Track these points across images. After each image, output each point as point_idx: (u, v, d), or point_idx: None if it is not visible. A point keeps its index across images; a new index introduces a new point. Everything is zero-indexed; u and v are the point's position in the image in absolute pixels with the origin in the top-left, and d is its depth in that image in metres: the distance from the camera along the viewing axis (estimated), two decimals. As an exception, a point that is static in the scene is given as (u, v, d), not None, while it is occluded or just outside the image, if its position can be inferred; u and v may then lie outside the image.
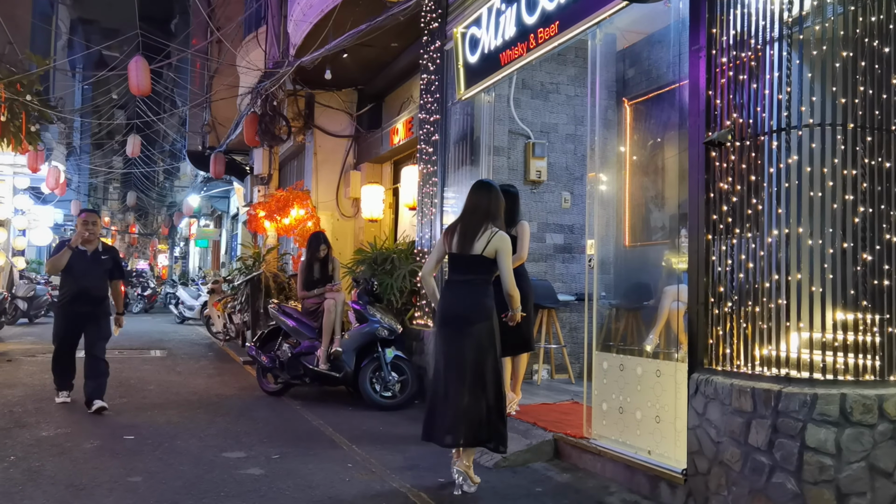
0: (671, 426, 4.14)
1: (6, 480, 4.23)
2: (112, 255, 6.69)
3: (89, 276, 6.41)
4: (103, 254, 6.56)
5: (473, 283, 4.40)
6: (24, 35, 15.22)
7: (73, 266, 6.36)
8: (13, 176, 16.24)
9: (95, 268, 6.45)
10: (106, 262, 6.55)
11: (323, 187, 11.83)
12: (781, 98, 3.56)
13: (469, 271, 4.40)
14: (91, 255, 6.45)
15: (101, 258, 6.51)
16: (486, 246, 4.31)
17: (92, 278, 6.43)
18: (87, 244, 6.45)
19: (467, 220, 4.44)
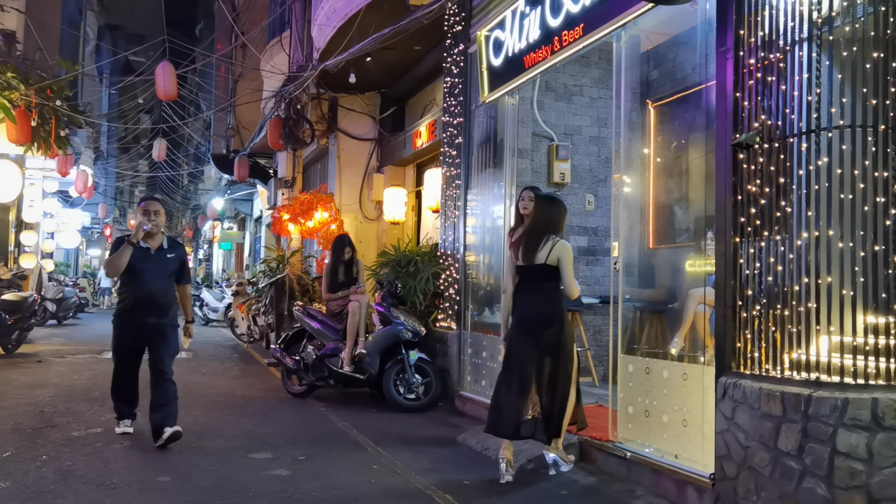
0: (698, 430, 4.11)
1: (39, 479, 4.31)
2: (179, 254, 5.53)
3: (154, 278, 5.29)
4: (169, 251, 5.42)
5: (543, 291, 4.74)
6: (53, 41, 15.47)
7: (135, 266, 5.22)
8: (42, 180, 16.50)
9: (161, 268, 5.34)
10: (172, 262, 5.42)
11: (346, 190, 11.90)
12: (811, 99, 3.52)
13: (537, 280, 4.73)
14: (155, 254, 5.33)
15: (167, 256, 5.38)
16: (549, 255, 4.64)
17: (157, 281, 5.31)
18: (150, 239, 5.32)
19: (531, 233, 4.79)
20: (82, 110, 11.26)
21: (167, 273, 5.40)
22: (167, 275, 5.40)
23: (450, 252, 7.49)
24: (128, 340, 5.42)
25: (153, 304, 5.31)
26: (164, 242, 5.41)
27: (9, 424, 5.79)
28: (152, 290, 5.30)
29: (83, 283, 23.83)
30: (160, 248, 5.38)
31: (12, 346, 10.53)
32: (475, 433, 5.77)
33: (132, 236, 5.23)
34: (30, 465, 4.62)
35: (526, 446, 5.11)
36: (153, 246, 5.34)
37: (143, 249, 5.27)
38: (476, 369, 6.88)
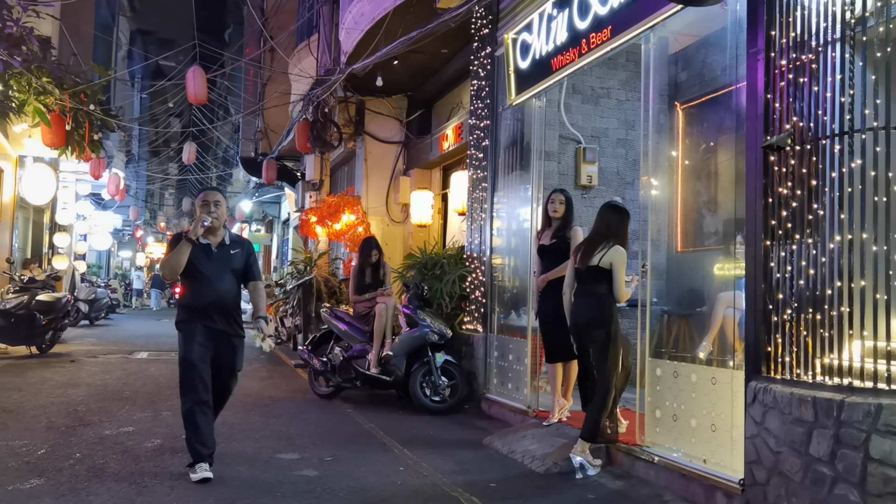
0: (727, 435, 4.07)
1: (72, 477, 4.39)
2: (244, 249, 4.80)
3: (218, 278, 4.59)
4: (232, 247, 4.72)
5: (593, 294, 4.92)
6: (87, 47, 15.77)
7: (195, 266, 4.55)
8: (76, 182, 16.81)
9: (225, 267, 4.65)
10: (237, 259, 4.71)
11: (373, 193, 11.96)
12: (844, 101, 3.47)
13: (589, 282, 4.93)
14: (218, 251, 4.64)
15: (231, 253, 4.69)
16: (603, 258, 4.84)
17: (222, 282, 4.60)
18: (211, 235, 4.63)
19: (592, 238, 5.01)
20: (115, 114, 11.43)
21: (232, 272, 4.68)
22: (232, 274, 4.69)
23: (476, 255, 7.50)
24: (199, 348, 4.55)
25: (219, 308, 4.58)
26: (227, 238, 4.71)
27: (43, 423, 5.91)
28: (217, 292, 4.58)
29: (115, 285, 24.22)
30: (222, 245, 4.67)
31: (46, 346, 10.74)
32: (501, 436, 5.77)
33: (191, 232, 4.54)
34: (63, 462, 4.72)
35: (553, 449, 5.10)
36: (214, 242, 4.63)
37: (202, 247, 4.56)
38: (502, 372, 6.88)
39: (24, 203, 14.28)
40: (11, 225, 13.56)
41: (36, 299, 10.25)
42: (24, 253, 15.20)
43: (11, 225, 13.56)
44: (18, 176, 13.50)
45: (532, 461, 5.02)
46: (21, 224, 15.01)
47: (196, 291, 4.61)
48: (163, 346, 12.72)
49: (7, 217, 13.36)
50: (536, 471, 4.87)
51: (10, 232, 13.49)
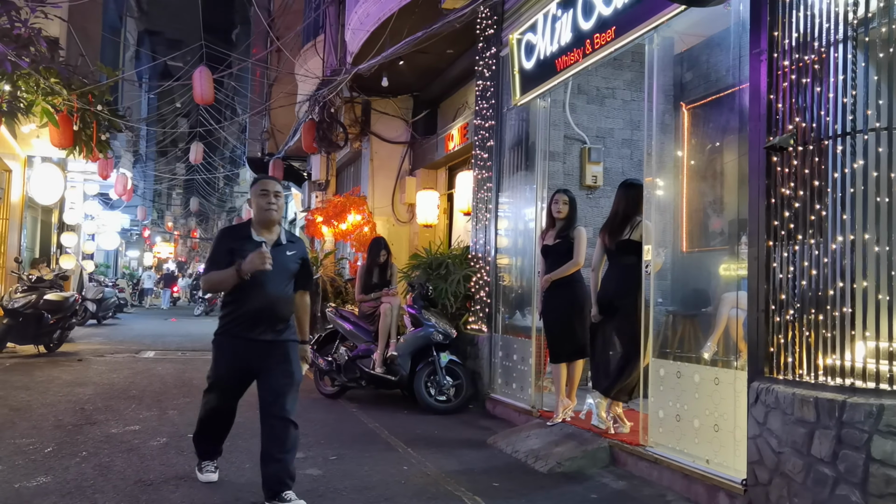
0: (730, 435, 4.07)
1: (79, 475, 4.43)
2: (300, 250, 4.19)
3: (273, 282, 3.94)
4: (289, 247, 4.09)
5: (623, 265, 5.24)
6: (95, 48, 15.86)
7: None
8: (84, 182, 16.91)
9: (281, 269, 3.97)
10: (292, 261, 4.09)
11: (379, 193, 11.98)
12: (846, 101, 3.47)
13: (621, 256, 5.25)
14: (273, 251, 3.94)
15: (287, 254, 4.05)
16: (633, 231, 5.17)
17: (277, 286, 3.97)
18: (267, 232, 4.03)
19: (622, 217, 5.32)
20: (122, 115, 11.51)
21: (288, 275, 4.07)
22: (288, 278, 4.07)
23: (481, 255, 7.52)
24: (237, 364, 4.03)
25: (273, 316, 3.98)
26: (282, 236, 4.08)
27: (50, 421, 5.95)
28: (272, 297, 3.96)
29: (122, 284, 24.34)
30: (278, 244, 4.03)
31: (54, 345, 10.81)
32: (506, 435, 5.78)
33: (245, 267, 3.82)
34: (70, 460, 4.75)
35: (556, 449, 5.11)
36: (269, 240, 3.99)
37: (255, 245, 3.92)
38: (507, 372, 6.89)
39: (32, 203, 14.37)
40: (20, 225, 13.66)
41: (44, 298, 10.32)
42: (33, 252, 15.30)
43: (20, 225, 13.66)
44: (27, 176, 13.59)
45: (536, 461, 5.04)
46: (29, 224, 15.11)
47: (245, 296, 3.92)
48: (169, 345, 12.78)
49: (16, 217, 13.45)
50: (540, 470, 4.88)
51: (19, 231, 13.58)
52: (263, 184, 4.11)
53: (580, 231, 5.74)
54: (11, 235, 13.25)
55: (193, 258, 50.81)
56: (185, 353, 11.59)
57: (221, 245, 4.08)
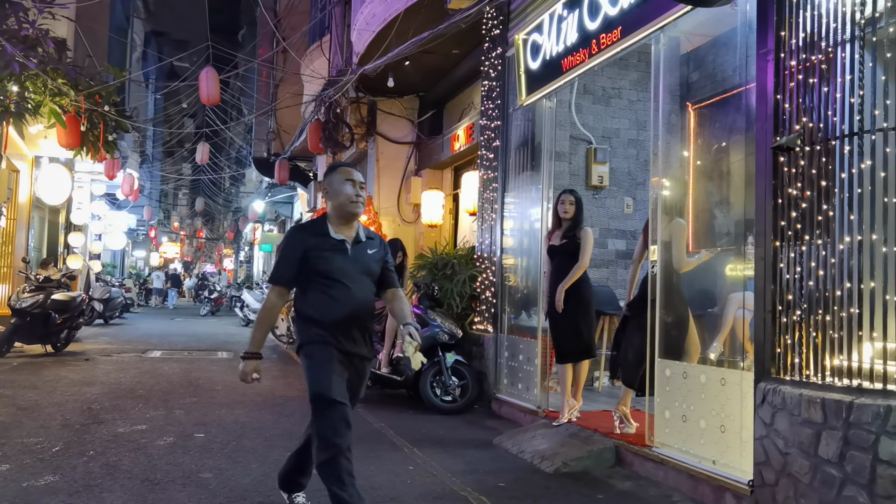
0: (737, 436, 4.06)
1: (86, 474, 4.44)
2: (382, 248, 3.70)
3: (356, 285, 3.48)
4: (368, 245, 3.59)
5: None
6: (102, 48, 15.91)
7: (329, 271, 3.43)
8: (90, 183, 16.96)
9: (362, 269, 3.53)
10: (374, 261, 3.60)
11: (384, 193, 12.00)
12: (854, 101, 3.46)
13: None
14: (354, 249, 3.51)
15: (369, 253, 3.58)
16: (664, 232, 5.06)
17: (360, 288, 3.50)
18: (346, 228, 3.52)
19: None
20: (129, 115, 11.54)
21: (372, 277, 3.61)
22: (372, 280, 3.61)
23: (486, 255, 7.52)
24: (339, 370, 3.44)
25: (358, 323, 3.49)
26: (361, 232, 3.57)
27: (58, 420, 5.98)
28: (357, 302, 3.47)
29: (129, 284, 24.43)
30: (357, 242, 3.53)
31: (61, 345, 10.85)
32: (511, 436, 5.78)
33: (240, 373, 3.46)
34: (78, 459, 4.77)
35: (562, 449, 5.11)
36: (349, 237, 3.50)
37: (336, 243, 3.44)
38: (512, 372, 6.89)
39: (39, 203, 14.44)
40: (27, 225, 13.71)
41: (51, 298, 10.36)
42: (40, 252, 15.36)
43: (27, 225, 13.71)
44: (34, 176, 13.65)
45: (542, 461, 5.04)
46: (37, 224, 15.18)
47: (330, 301, 3.42)
48: (176, 345, 12.82)
49: (23, 217, 13.51)
50: (546, 471, 4.88)
51: (27, 232, 13.64)
52: (347, 172, 3.52)
53: (587, 232, 5.74)
54: (19, 235, 13.30)
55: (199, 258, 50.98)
56: (191, 352, 11.63)
57: (294, 245, 3.45)
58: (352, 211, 3.48)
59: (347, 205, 3.47)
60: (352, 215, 3.50)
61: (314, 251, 3.43)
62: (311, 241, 3.45)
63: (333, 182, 3.51)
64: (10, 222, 12.87)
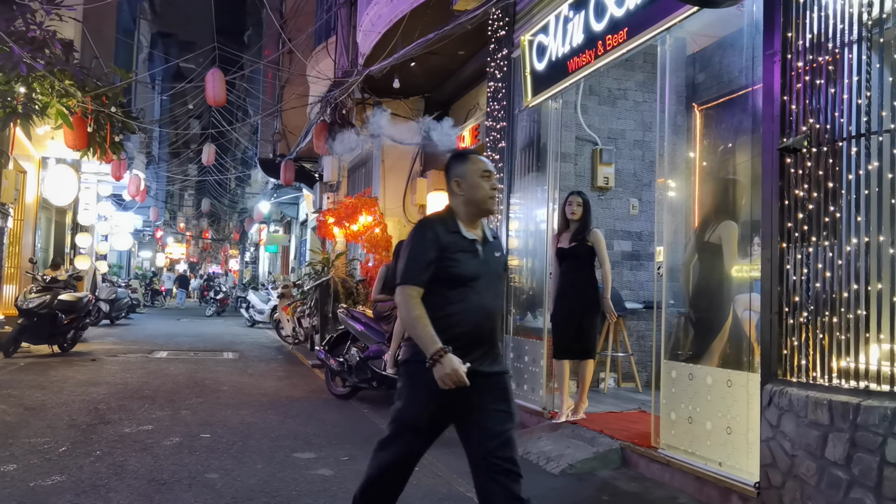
0: (743, 437, 4.05)
1: (93, 474, 4.46)
2: (504, 255, 3.24)
3: (489, 292, 3.01)
4: (496, 246, 3.12)
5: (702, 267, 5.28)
6: (108, 50, 15.97)
7: (461, 270, 2.93)
8: (97, 183, 17.04)
9: (494, 273, 3.07)
10: (501, 263, 3.15)
11: (390, 194, 12.01)
12: (861, 103, 3.45)
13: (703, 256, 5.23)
14: (485, 250, 3.03)
15: (495, 255, 3.09)
16: (712, 234, 5.08)
17: (494, 296, 3.06)
18: (474, 227, 3.04)
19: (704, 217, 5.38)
20: (135, 116, 11.59)
21: (501, 284, 3.22)
22: (501, 286, 3.26)
23: (492, 256, 7.50)
24: (443, 401, 2.90)
25: (492, 337, 3.02)
26: (487, 231, 3.11)
27: (65, 420, 6.00)
28: (491, 311, 3.01)
29: (135, 285, 24.51)
30: (485, 241, 3.07)
31: (68, 345, 10.89)
32: (517, 437, 5.77)
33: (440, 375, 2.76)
34: (84, 459, 4.79)
35: (568, 451, 5.11)
36: (478, 236, 3.04)
37: (468, 242, 2.99)
38: (518, 373, 6.88)
39: (46, 204, 14.49)
40: (34, 225, 13.77)
41: (58, 299, 10.40)
42: (47, 253, 15.43)
43: (34, 225, 13.77)
44: (41, 177, 13.70)
45: (547, 462, 5.03)
46: (44, 225, 15.24)
47: (461, 311, 2.91)
48: (181, 345, 12.85)
49: (30, 218, 13.57)
50: (552, 472, 4.87)
51: (34, 232, 13.70)
52: (482, 162, 3.07)
53: (598, 235, 5.75)
54: (26, 236, 13.36)
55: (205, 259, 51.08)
56: (197, 353, 11.65)
57: (428, 243, 2.95)
58: (490, 208, 3.06)
59: (486, 201, 3.02)
60: (487, 213, 3.08)
61: (447, 252, 2.94)
62: (445, 239, 2.96)
63: (469, 174, 3.03)
64: (18, 223, 12.93)
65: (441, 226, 3.00)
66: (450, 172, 3.09)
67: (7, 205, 11.45)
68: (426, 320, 2.85)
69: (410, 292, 2.90)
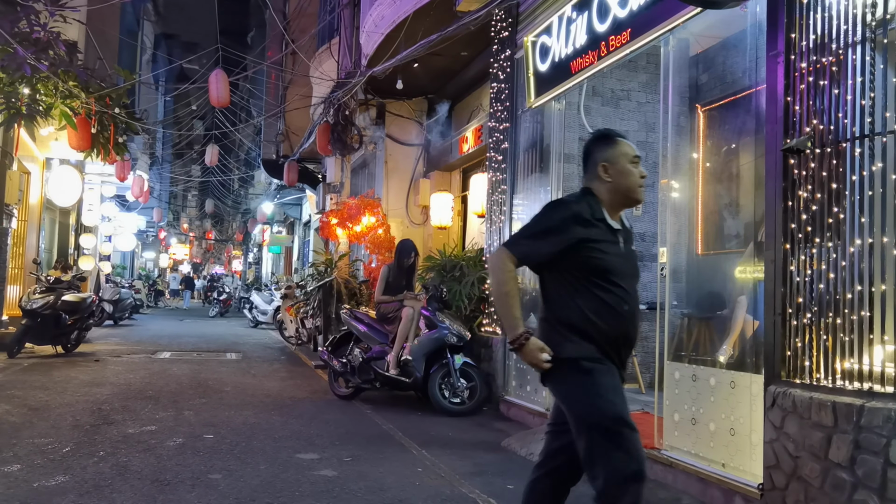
0: (746, 439, 4.05)
1: (97, 474, 4.47)
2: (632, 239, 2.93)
3: (633, 290, 2.80)
4: (630, 237, 2.88)
5: None
6: (112, 51, 16.02)
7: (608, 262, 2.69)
8: (101, 184, 17.07)
9: (635, 269, 2.88)
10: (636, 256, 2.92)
11: (393, 195, 12.02)
12: (864, 104, 3.44)
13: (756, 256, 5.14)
14: (626, 243, 2.81)
15: (633, 250, 2.88)
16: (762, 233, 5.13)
17: (637, 295, 2.84)
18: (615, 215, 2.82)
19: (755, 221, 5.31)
20: (139, 117, 11.58)
21: (638, 279, 2.90)
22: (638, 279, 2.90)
23: (495, 257, 7.50)
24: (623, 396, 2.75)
25: (634, 335, 2.82)
26: (626, 222, 2.87)
27: (68, 421, 6.01)
28: (634, 313, 2.78)
29: (139, 285, 24.55)
30: (624, 229, 2.84)
31: (72, 346, 10.92)
32: (520, 438, 5.78)
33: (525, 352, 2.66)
34: (88, 459, 4.80)
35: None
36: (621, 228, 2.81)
37: (611, 231, 2.75)
38: (521, 374, 6.88)
39: (50, 205, 14.53)
40: (38, 226, 13.80)
41: (62, 299, 10.42)
42: (51, 254, 15.47)
43: (38, 226, 13.80)
44: (45, 178, 13.74)
45: (550, 463, 5.02)
46: (48, 225, 15.28)
47: (609, 309, 2.68)
48: (185, 346, 12.87)
49: (34, 218, 13.60)
50: (554, 473, 4.86)
51: (37, 233, 13.73)
52: (630, 147, 2.83)
53: None
54: (30, 237, 13.40)
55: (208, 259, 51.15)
56: (200, 353, 11.66)
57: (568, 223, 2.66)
58: (639, 198, 2.79)
59: (636, 190, 2.76)
60: (635, 203, 2.81)
61: (592, 242, 2.65)
62: (589, 226, 2.67)
63: (618, 158, 2.77)
64: (22, 224, 12.96)
65: (586, 209, 2.70)
66: (594, 155, 2.80)
67: (11, 206, 11.48)
68: (516, 300, 2.65)
69: (507, 260, 2.67)
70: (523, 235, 2.74)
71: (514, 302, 2.64)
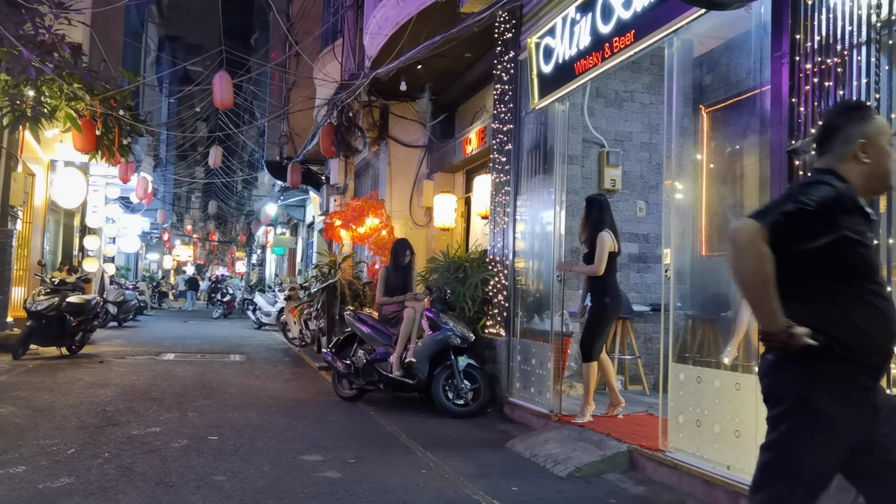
0: (752, 441, 4.03)
1: (101, 476, 4.47)
2: None
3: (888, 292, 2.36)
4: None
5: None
6: (117, 53, 16.05)
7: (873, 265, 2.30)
8: (105, 186, 17.10)
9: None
10: None
11: (397, 196, 12.02)
12: (870, 105, 3.44)
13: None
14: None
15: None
16: None
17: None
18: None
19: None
20: (143, 119, 11.61)
21: None
22: None
23: (499, 258, 7.51)
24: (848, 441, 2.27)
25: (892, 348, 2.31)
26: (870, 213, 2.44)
27: (73, 422, 6.02)
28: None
29: (142, 287, 24.59)
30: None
31: (76, 347, 10.93)
32: (524, 439, 5.77)
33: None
34: (93, 461, 4.81)
35: (575, 454, 5.10)
36: None
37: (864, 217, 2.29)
38: (525, 376, 6.88)
39: (55, 206, 14.57)
40: (43, 228, 13.84)
41: (66, 301, 10.43)
42: (56, 256, 15.50)
43: (43, 228, 13.84)
44: (50, 180, 13.77)
45: (554, 465, 5.02)
46: (52, 227, 15.32)
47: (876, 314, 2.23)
48: (189, 347, 12.88)
49: (39, 220, 13.63)
50: (559, 475, 4.86)
51: (42, 235, 13.76)
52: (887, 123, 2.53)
53: (600, 238, 5.76)
54: (35, 239, 13.43)
55: (212, 261, 51.22)
56: (204, 355, 11.67)
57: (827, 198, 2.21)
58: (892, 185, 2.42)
59: (891, 175, 2.36)
60: (887, 190, 2.46)
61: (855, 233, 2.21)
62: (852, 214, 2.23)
63: (878, 136, 2.33)
64: (26, 225, 13.00)
65: (847, 193, 2.25)
66: (848, 130, 2.35)
67: (16, 207, 11.51)
68: (774, 288, 2.14)
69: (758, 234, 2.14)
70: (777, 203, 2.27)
71: (774, 291, 2.15)
